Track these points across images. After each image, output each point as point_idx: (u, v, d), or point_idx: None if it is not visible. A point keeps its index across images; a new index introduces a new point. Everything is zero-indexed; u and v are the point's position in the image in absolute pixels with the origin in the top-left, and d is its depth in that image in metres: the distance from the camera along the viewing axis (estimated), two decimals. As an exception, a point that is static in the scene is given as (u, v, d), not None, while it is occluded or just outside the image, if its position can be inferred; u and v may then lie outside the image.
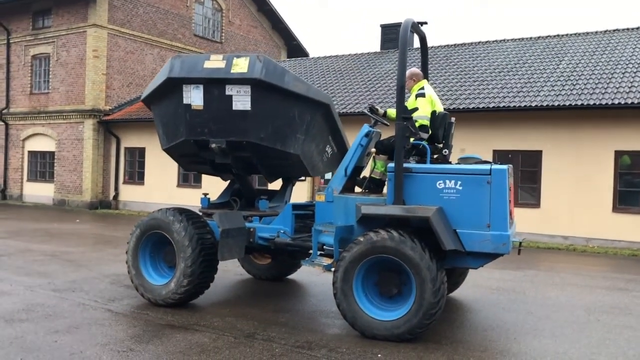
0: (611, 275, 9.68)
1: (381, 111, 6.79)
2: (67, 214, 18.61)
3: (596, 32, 17.76)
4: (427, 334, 5.48)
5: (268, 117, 6.25)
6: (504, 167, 5.45)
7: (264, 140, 6.30)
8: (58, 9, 21.70)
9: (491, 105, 14.14)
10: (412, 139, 5.93)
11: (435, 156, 6.25)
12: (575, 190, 13.36)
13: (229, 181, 7.74)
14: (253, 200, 7.40)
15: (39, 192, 22.61)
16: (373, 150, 6.63)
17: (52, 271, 8.39)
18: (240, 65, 5.99)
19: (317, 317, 6.29)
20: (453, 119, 6.66)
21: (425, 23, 6.50)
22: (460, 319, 6.39)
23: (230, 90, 6.08)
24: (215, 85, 6.11)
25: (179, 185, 19.75)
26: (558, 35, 18.31)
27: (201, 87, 6.15)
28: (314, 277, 8.42)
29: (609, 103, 12.60)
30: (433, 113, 6.33)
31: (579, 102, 12.97)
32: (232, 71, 6.01)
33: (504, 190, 5.36)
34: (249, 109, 6.11)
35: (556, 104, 13.24)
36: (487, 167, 5.43)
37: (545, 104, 13.39)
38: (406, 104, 6.08)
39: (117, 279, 7.88)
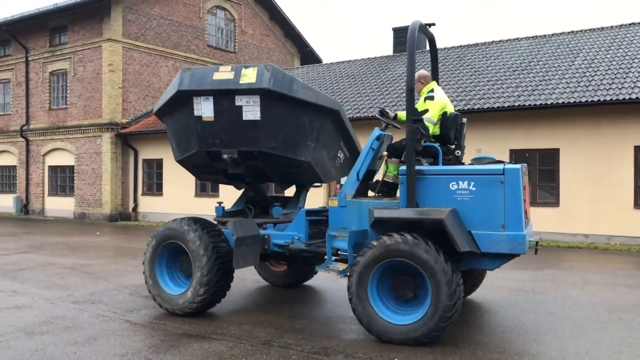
0: (634, 272, 9.51)
1: (392, 114, 6.78)
2: (88, 227, 18.85)
3: (611, 27, 17.52)
4: (444, 337, 5.44)
5: (278, 126, 6.27)
6: (517, 166, 5.41)
7: (274, 149, 6.31)
8: (73, 25, 22.09)
9: (506, 105, 14.02)
10: (423, 141, 5.91)
11: (448, 157, 6.22)
12: (594, 187, 13.16)
13: (243, 189, 7.78)
14: (267, 208, 7.42)
15: (60, 206, 22.97)
16: (385, 153, 6.62)
17: (72, 284, 8.50)
18: (249, 76, 6.02)
19: (333, 323, 6.28)
20: (464, 120, 6.63)
21: (434, 24, 6.48)
22: (479, 320, 6.32)
23: (239, 100, 6.12)
24: (224, 96, 6.15)
25: (196, 195, 19.91)
26: (572, 32, 18.10)
27: (211, 98, 6.19)
28: (330, 283, 8.41)
29: (627, 98, 12.42)
30: (444, 114, 6.31)
31: (596, 99, 12.81)
32: (240, 82, 6.04)
33: (518, 189, 5.31)
34: (259, 118, 6.13)
35: (572, 101, 13.09)
36: (500, 166, 5.40)
37: (561, 101, 13.23)
38: (416, 106, 6.06)
39: (135, 290, 7.95)
